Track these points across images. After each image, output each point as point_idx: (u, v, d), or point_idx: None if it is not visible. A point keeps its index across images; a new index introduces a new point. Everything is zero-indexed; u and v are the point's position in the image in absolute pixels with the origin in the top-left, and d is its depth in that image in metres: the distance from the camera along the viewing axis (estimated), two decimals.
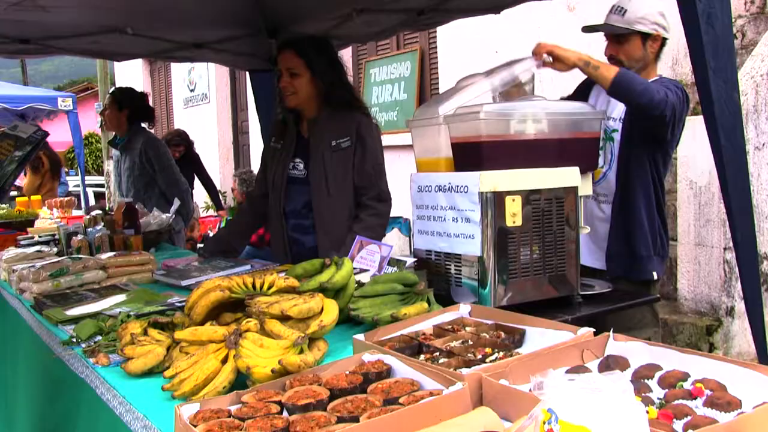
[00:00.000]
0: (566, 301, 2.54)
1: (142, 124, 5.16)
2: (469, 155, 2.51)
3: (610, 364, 1.60)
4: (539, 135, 2.57)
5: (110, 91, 5.34)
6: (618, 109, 3.02)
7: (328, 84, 3.21)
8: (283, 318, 1.95)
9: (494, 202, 2.35)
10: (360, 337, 1.88)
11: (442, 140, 2.62)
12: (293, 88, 3.17)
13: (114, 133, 5.29)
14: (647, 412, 1.32)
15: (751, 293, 3.31)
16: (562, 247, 2.50)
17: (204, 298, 2.08)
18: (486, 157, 2.45)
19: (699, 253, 4.74)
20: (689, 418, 1.30)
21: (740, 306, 4.48)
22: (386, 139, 3.03)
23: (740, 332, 4.62)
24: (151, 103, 5.60)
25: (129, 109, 5.01)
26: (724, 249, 4.50)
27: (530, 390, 1.18)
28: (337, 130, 3.22)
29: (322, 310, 1.99)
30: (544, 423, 1.14)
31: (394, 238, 6.83)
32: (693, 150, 4.56)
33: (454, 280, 2.49)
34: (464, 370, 1.53)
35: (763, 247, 4.69)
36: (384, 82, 7.74)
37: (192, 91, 12.78)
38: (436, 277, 2.57)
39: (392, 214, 3.42)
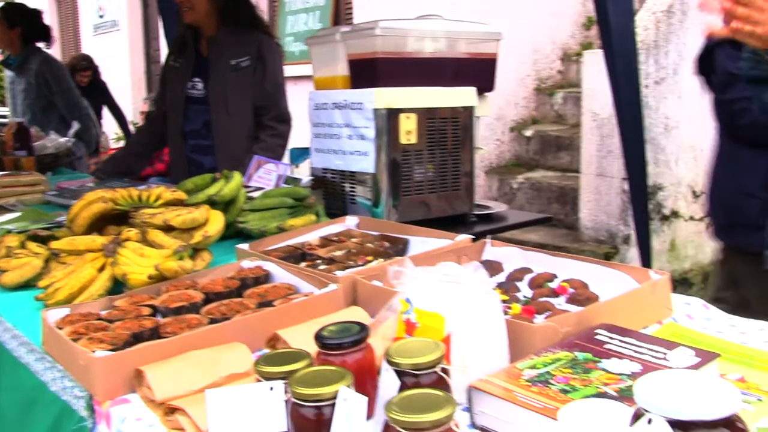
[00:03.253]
0: (461, 220, 2.58)
1: (39, 44, 4.92)
2: (365, 72, 2.49)
3: (485, 268, 1.63)
4: (436, 54, 2.56)
5: None
6: None
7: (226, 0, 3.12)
8: (167, 228, 1.91)
9: (388, 119, 2.34)
10: (244, 246, 1.87)
11: (339, 58, 2.59)
12: (190, 3, 3.06)
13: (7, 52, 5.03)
14: (511, 308, 1.36)
15: (640, 220, 3.44)
16: (457, 166, 2.52)
17: (86, 209, 2.03)
18: (381, 74, 2.43)
19: (600, 184, 4.87)
20: (549, 312, 1.35)
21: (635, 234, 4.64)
22: (300, 69, 2.96)
23: (635, 259, 4.80)
24: (57, 30, 5.34)
25: (21, 27, 4.77)
26: (623, 179, 4.63)
27: (389, 278, 1.19)
28: (237, 48, 3.14)
29: (207, 221, 1.97)
30: (402, 313, 1.15)
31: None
32: (597, 82, 4.63)
33: (349, 199, 2.49)
34: (339, 273, 1.54)
35: (660, 179, 4.84)
36: (299, 11, 7.58)
37: (101, 17, 12.25)
38: (332, 196, 2.56)
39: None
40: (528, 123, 6.18)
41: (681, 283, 5.01)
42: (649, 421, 0.73)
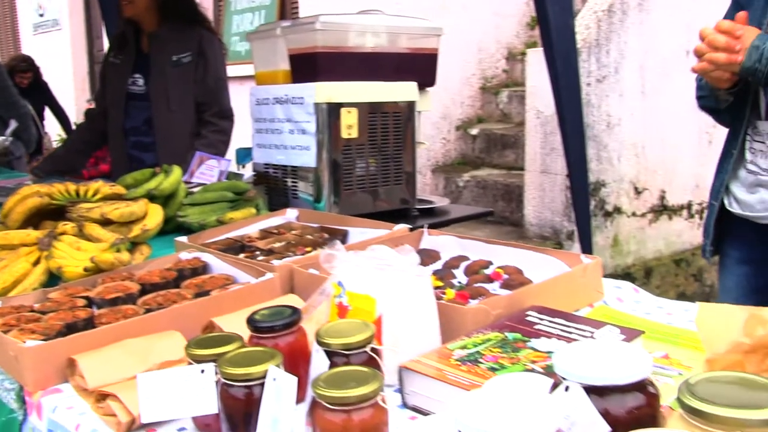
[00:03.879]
0: (403, 214, 2.59)
1: None
2: (306, 67, 2.49)
3: (422, 257, 1.65)
4: (377, 48, 2.58)
5: None
6: None
7: None
8: (105, 222, 1.89)
9: (329, 114, 2.34)
10: (183, 239, 1.86)
11: (280, 53, 2.58)
12: None
13: None
14: (446, 293, 1.38)
15: (582, 216, 3.50)
16: (399, 160, 2.53)
17: (20, 204, 1.99)
18: (322, 69, 2.44)
19: (544, 181, 4.94)
20: (483, 297, 1.37)
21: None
22: (246, 69, 2.94)
23: None
24: None
25: None
26: (566, 176, 4.71)
27: (320, 262, 1.20)
28: (178, 44, 3.11)
29: (146, 214, 1.95)
30: (335, 297, 1.16)
31: None
32: (540, 81, 4.71)
33: (291, 194, 2.49)
34: (276, 262, 1.54)
35: (603, 176, 4.94)
36: (244, 10, 7.53)
37: (41, 16, 11.99)
38: (274, 191, 2.55)
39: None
40: (474, 122, 6.24)
41: (624, 278, 5.11)
42: (567, 389, 0.75)
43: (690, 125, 5.49)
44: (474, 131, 6.04)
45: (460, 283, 1.49)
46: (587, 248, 3.55)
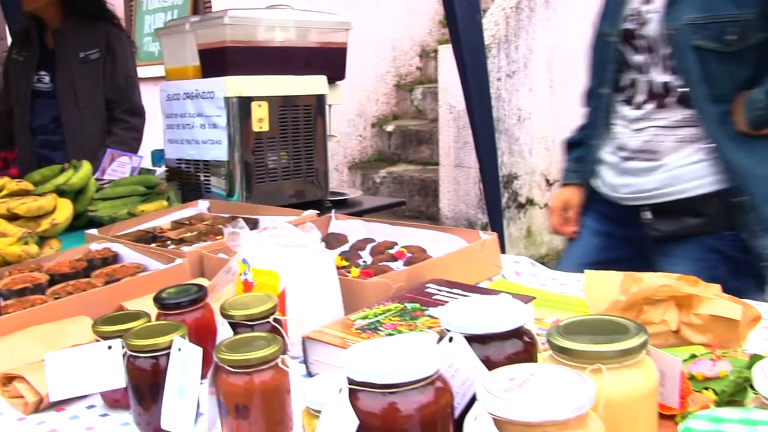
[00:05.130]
0: (316, 206, 2.63)
1: None
2: (215, 61, 2.51)
3: (330, 240, 1.70)
4: (287, 43, 2.61)
5: None
6: None
7: None
8: (12, 217, 1.87)
9: (240, 108, 2.37)
10: (93, 231, 1.86)
11: (188, 48, 2.60)
12: None
13: None
14: (351, 272, 1.43)
15: (493, 208, 3.61)
16: (311, 153, 2.58)
17: None
18: (232, 63, 2.46)
19: (458, 175, 5.06)
20: (386, 274, 1.42)
21: None
22: (159, 69, 2.91)
23: None
24: None
25: None
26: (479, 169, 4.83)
27: (225, 241, 1.24)
28: (84, 40, 3.08)
29: (55, 209, 1.94)
30: (240, 274, 1.20)
31: None
32: (452, 76, 4.81)
33: (204, 189, 2.50)
34: (186, 248, 1.57)
35: (515, 168, 5.08)
36: (156, 10, 7.43)
37: None
38: (187, 186, 2.56)
39: None
40: (389, 119, 6.33)
41: None
42: (450, 339, 0.81)
43: None
44: (389, 128, 6.12)
45: (365, 262, 1.54)
46: (499, 238, 3.66)
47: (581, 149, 2.11)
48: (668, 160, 1.83)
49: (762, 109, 1.72)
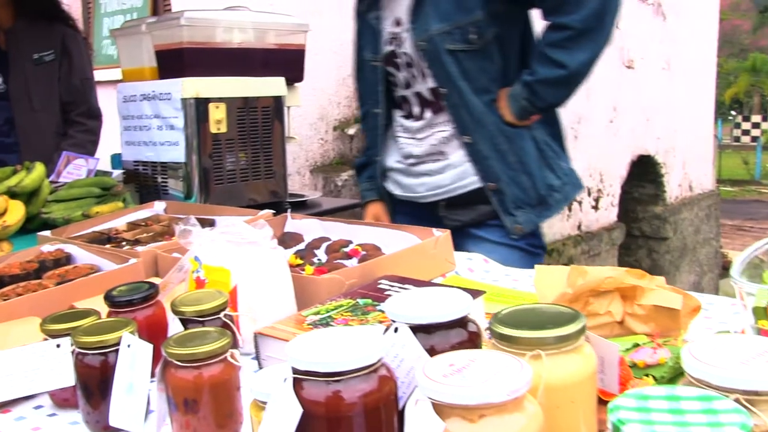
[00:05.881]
0: (275, 208, 2.63)
1: None
2: (172, 63, 2.50)
3: (286, 239, 1.71)
4: (244, 44, 2.61)
5: None
6: None
7: None
8: None
9: (197, 109, 2.36)
10: (46, 233, 1.84)
11: (145, 49, 2.58)
12: None
13: None
14: (305, 270, 1.44)
15: None
16: (269, 154, 2.58)
17: None
18: (189, 64, 2.45)
19: None
20: (339, 270, 1.43)
21: None
22: (119, 73, 2.88)
23: None
24: None
25: None
26: None
27: (176, 238, 1.24)
28: (38, 41, 3.04)
29: (6, 211, 1.92)
30: (193, 272, 1.20)
31: None
32: None
33: (162, 191, 2.49)
34: (140, 248, 1.56)
35: None
36: (115, 12, 7.36)
37: None
38: (144, 188, 2.55)
39: None
40: (351, 122, 6.33)
41: None
42: (396, 330, 0.82)
43: None
44: (351, 131, 6.12)
45: (319, 260, 1.55)
46: None
47: (370, 169, 2.37)
48: (454, 158, 2.06)
49: (525, 99, 1.98)
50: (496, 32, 1.99)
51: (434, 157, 2.10)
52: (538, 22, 2.10)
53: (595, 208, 6.39)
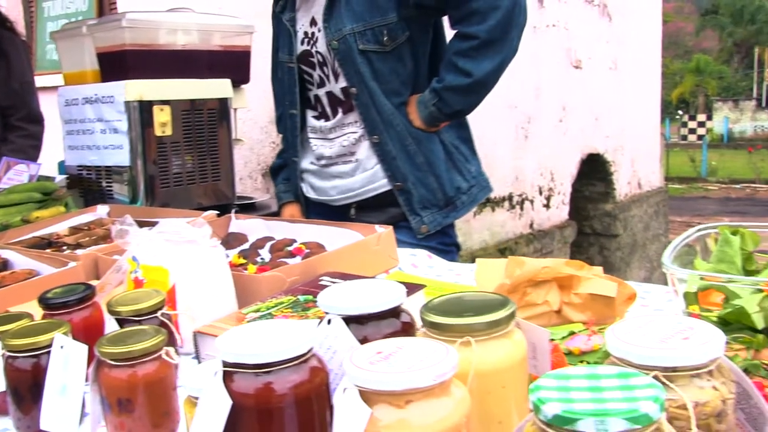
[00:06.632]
0: (223, 210, 2.61)
1: None
2: (115, 65, 2.46)
3: (230, 240, 1.70)
4: (189, 46, 2.59)
5: None
6: None
7: None
8: None
9: (141, 112, 2.33)
10: None
11: (87, 51, 2.54)
12: None
13: None
14: (247, 269, 1.43)
15: None
16: (216, 157, 2.55)
17: None
18: (132, 67, 2.42)
19: None
20: (280, 268, 1.43)
21: None
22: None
23: None
24: None
25: None
26: None
27: (113, 237, 1.22)
28: None
29: None
30: (131, 273, 1.19)
31: None
32: None
33: (107, 195, 2.45)
34: (80, 251, 1.54)
35: None
36: (59, 16, 7.23)
37: None
38: (89, 194, 2.51)
39: None
40: None
41: None
42: (329, 321, 0.82)
43: (507, 121, 5.83)
44: None
45: (263, 260, 1.54)
46: None
47: (285, 171, 2.43)
48: (365, 160, 2.10)
49: (433, 105, 2.02)
50: (408, 35, 2.03)
51: (345, 158, 2.15)
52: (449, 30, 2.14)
53: (547, 206, 6.47)
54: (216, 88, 2.56)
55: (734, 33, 38.41)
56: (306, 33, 2.19)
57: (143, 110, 2.33)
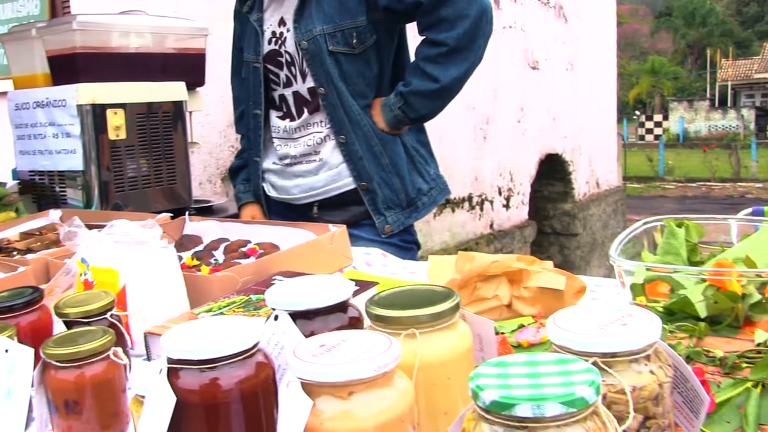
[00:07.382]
0: (180, 213, 2.59)
1: None
2: (66, 68, 2.43)
3: (184, 242, 1.69)
4: (142, 49, 2.56)
5: None
6: None
7: None
8: None
9: (94, 115, 2.31)
10: None
11: (37, 54, 2.51)
12: None
13: None
14: (201, 270, 1.42)
15: None
16: (172, 160, 2.53)
17: None
18: (83, 70, 2.39)
19: None
20: (232, 268, 1.43)
21: None
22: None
23: None
24: None
25: None
26: None
27: (61, 239, 1.21)
28: None
29: None
30: (80, 275, 1.18)
31: None
32: None
33: (60, 201, 2.42)
34: (30, 256, 1.52)
35: None
36: (10, 20, 7.11)
37: None
38: (43, 199, 2.47)
39: None
40: None
41: None
42: (276, 318, 0.82)
43: (465, 122, 5.87)
44: None
45: (216, 261, 1.54)
46: None
47: (245, 172, 2.45)
48: (329, 159, 2.13)
49: (399, 109, 2.06)
50: (376, 39, 2.08)
51: (309, 157, 2.17)
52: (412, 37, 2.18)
53: (507, 206, 6.53)
54: (170, 91, 2.54)
55: (687, 35, 39.20)
56: (274, 33, 2.21)
57: (96, 114, 2.31)
